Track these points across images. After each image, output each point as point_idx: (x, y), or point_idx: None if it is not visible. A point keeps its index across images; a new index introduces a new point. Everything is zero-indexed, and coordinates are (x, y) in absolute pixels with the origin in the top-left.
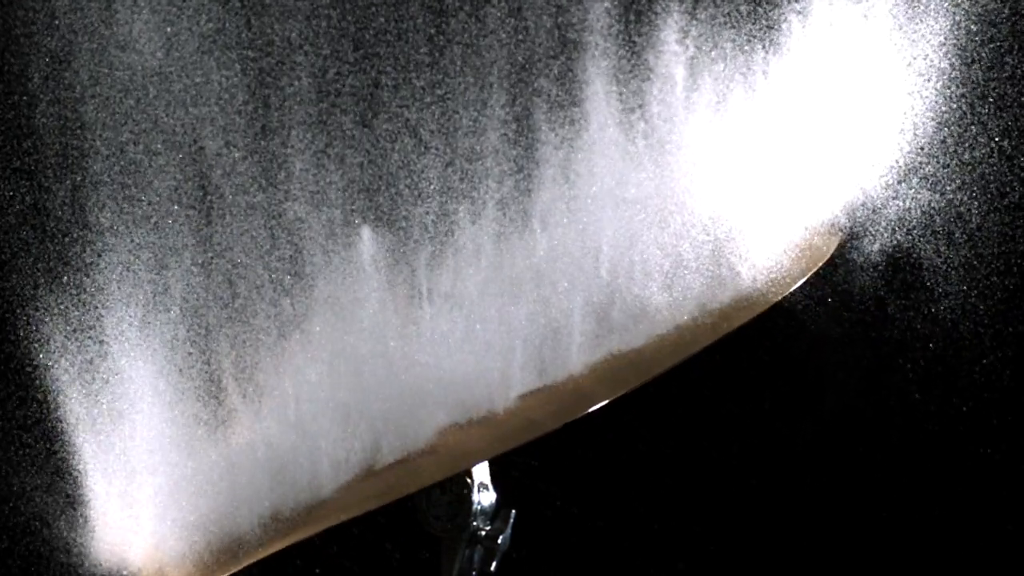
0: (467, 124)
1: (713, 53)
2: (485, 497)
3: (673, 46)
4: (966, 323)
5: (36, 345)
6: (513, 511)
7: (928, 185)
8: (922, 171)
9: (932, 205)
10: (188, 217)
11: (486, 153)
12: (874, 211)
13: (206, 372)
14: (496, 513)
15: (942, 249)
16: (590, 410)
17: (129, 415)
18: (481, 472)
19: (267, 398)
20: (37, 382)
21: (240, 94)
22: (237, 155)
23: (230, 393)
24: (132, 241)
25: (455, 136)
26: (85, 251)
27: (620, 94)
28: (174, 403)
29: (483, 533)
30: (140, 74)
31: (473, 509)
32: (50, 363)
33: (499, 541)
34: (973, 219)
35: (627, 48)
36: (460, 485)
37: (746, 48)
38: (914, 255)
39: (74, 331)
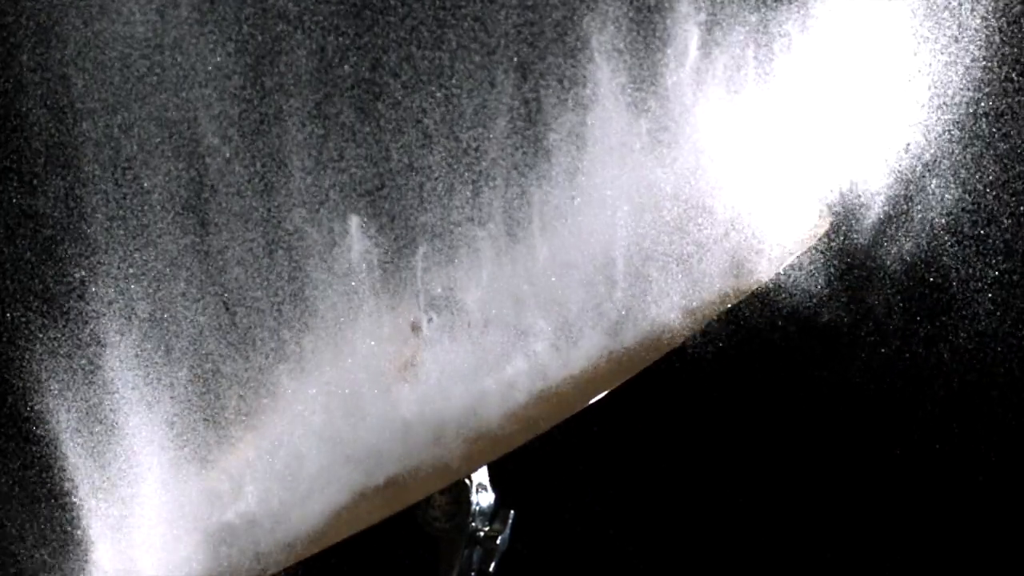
0: (472, 112)
1: (726, 36)
2: (484, 498)
3: (686, 23)
4: (994, 336)
5: (34, 392)
6: (512, 511)
7: (954, 182)
8: (947, 165)
9: (959, 204)
10: (184, 231)
11: (492, 147)
12: (894, 211)
13: (207, 412)
14: (495, 514)
15: (969, 255)
16: (589, 403)
17: (130, 466)
18: (480, 473)
19: (262, 430)
20: (36, 429)
21: (235, 78)
22: (232, 153)
23: (231, 431)
24: (129, 266)
25: (459, 124)
26: (84, 291)
27: (629, 78)
28: (176, 453)
29: (482, 534)
30: (133, 74)
31: (472, 510)
32: (49, 411)
33: (498, 541)
34: (1004, 221)
35: (637, 33)
36: (459, 486)
37: (761, 32)
38: (939, 259)
39: (73, 376)
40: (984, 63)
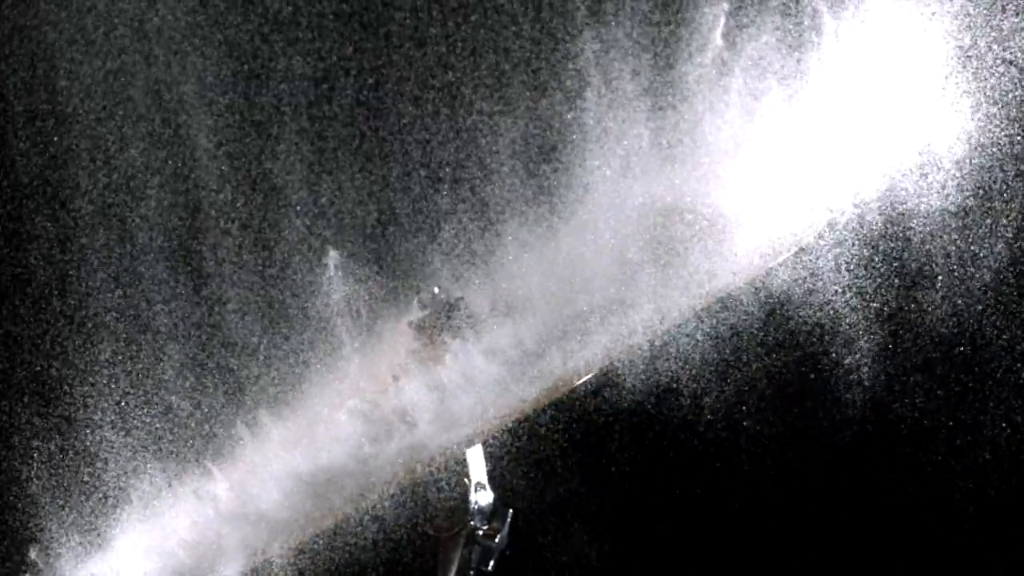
0: (479, 140)
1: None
2: (483, 497)
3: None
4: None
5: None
6: (511, 511)
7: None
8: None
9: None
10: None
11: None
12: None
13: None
14: (494, 513)
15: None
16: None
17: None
18: (479, 473)
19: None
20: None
21: (229, 93)
22: (229, 199)
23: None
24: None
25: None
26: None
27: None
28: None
29: (481, 532)
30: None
31: (471, 509)
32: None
33: (496, 540)
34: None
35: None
36: (458, 486)
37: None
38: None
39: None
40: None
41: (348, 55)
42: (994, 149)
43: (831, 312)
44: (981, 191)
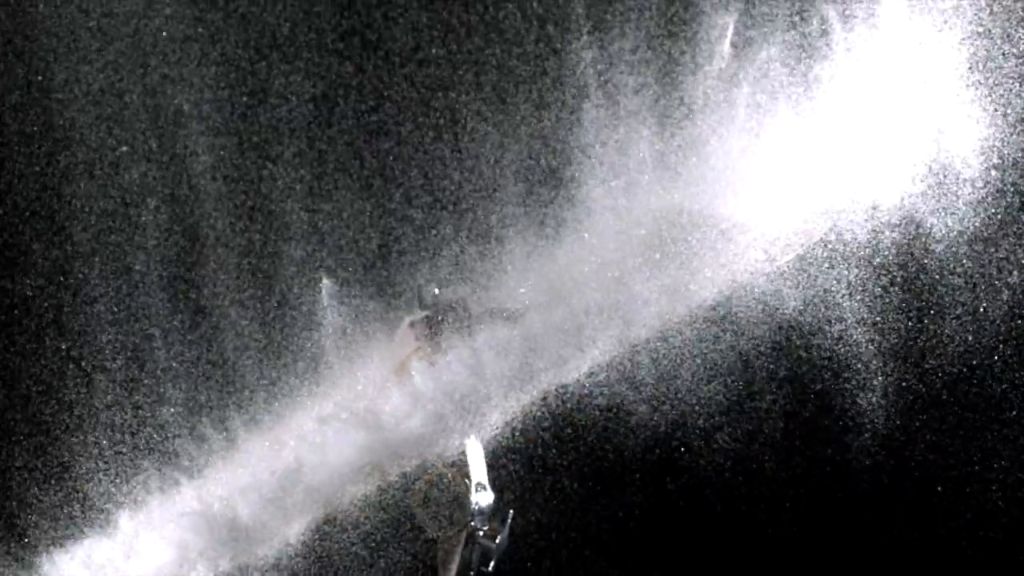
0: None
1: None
2: (483, 498)
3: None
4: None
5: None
6: (511, 511)
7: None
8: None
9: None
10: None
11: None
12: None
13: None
14: (494, 513)
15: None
16: None
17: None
18: (479, 473)
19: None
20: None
21: (227, 114)
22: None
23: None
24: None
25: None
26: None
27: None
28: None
29: (481, 533)
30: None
31: (471, 509)
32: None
33: (496, 541)
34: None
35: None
36: (458, 486)
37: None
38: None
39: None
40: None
41: (348, 74)
42: (1013, 168)
43: (844, 345)
44: (999, 211)
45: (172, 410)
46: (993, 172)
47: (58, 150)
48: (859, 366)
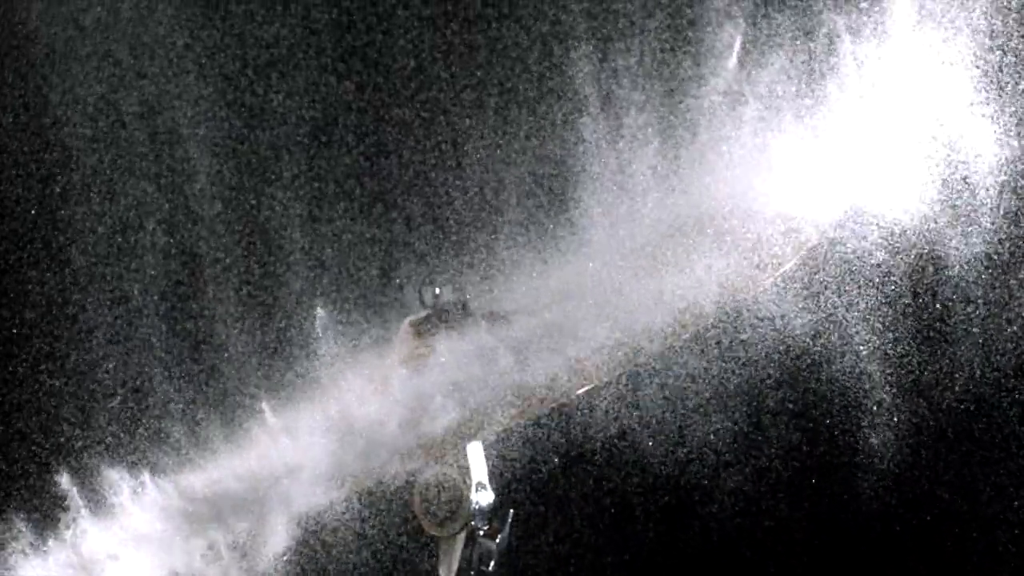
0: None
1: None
2: (483, 497)
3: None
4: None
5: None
6: (511, 511)
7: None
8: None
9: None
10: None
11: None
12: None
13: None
14: (494, 513)
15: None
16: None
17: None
18: (479, 473)
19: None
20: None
21: (226, 137)
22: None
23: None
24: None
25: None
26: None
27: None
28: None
29: (481, 532)
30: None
31: (471, 509)
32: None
33: (497, 541)
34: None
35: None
36: (458, 486)
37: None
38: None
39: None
40: None
41: (348, 95)
42: None
43: (854, 380)
44: (1016, 235)
45: (172, 441)
46: (1008, 193)
47: (54, 175)
48: (870, 402)
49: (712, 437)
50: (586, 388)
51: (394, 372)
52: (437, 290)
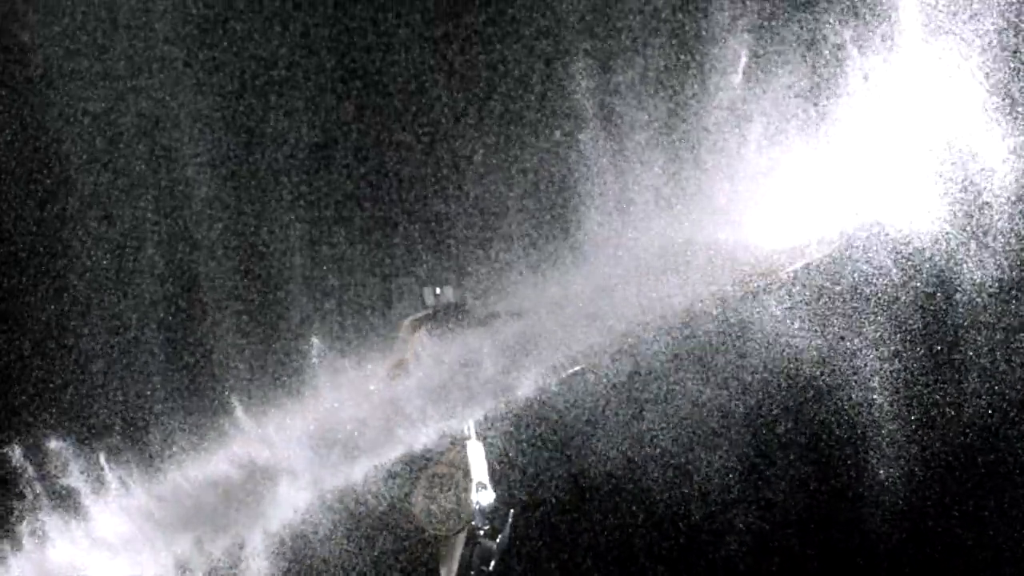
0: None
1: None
2: (484, 497)
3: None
4: None
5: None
6: (512, 511)
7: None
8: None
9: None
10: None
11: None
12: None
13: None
14: (494, 513)
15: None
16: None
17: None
18: (480, 472)
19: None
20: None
21: (225, 159)
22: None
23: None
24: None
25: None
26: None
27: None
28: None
29: (481, 532)
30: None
31: (472, 509)
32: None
33: (497, 540)
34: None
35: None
36: (459, 485)
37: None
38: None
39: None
40: None
41: (348, 116)
42: None
43: (863, 411)
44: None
45: (171, 465)
46: (1020, 218)
47: (52, 196)
48: (878, 435)
49: (719, 468)
50: (574, 370)
51: (389, 377)
52: (438, 290)
